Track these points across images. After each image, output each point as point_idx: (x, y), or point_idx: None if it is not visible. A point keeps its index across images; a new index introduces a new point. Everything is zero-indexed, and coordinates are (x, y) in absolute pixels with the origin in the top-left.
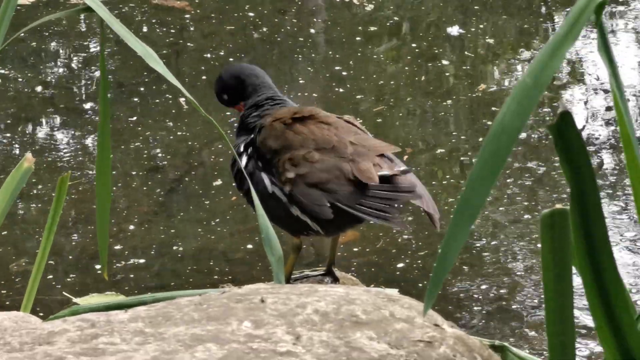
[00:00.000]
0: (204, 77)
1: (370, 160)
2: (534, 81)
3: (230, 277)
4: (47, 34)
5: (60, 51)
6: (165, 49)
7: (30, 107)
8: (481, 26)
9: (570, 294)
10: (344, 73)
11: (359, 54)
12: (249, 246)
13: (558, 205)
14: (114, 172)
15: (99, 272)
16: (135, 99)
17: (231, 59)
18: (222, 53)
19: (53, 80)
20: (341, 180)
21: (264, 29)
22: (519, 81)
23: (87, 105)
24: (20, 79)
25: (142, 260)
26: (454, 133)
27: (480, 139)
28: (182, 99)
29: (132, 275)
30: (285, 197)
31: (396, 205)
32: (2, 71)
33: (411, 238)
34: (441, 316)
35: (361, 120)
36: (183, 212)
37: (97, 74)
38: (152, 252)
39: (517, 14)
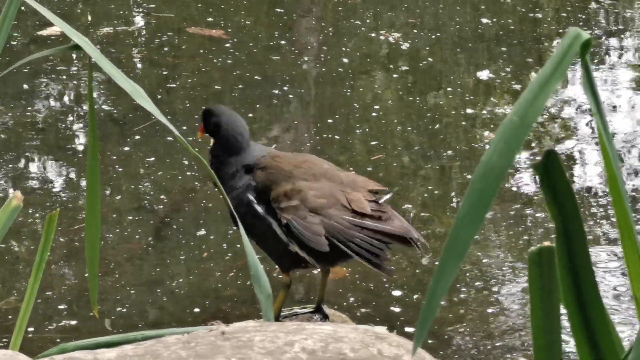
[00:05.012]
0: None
1: (361, 193)
2: (520, 120)
3: (219, 315)
4: (38, 70)
5: (51, 88)
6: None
7: (20, 143)
8: (507, 69)
9: (558, 330)
10: (342, 115)
11: (357, 94)
12: (239, 284)
13: (546, 243)
14: (104, 209)
15: (90, 309)
16: (128, 136)
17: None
18: (214, 87)
19: (43, 116)
20: (338, 207)
21: (248, 67)
22: (505, 120)
23: (78, 142)
24: (9, 115)
25: (132, 298)
26: (449, 181)
27: None
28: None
29: (121, 313)
30: (286, 237)
31: (387, 245)
32: None
33: (402, 274)
34: (429, 354)
35: (353, 170)
36: (173, 249)
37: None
38: (142, 290)
39: (544, 57)
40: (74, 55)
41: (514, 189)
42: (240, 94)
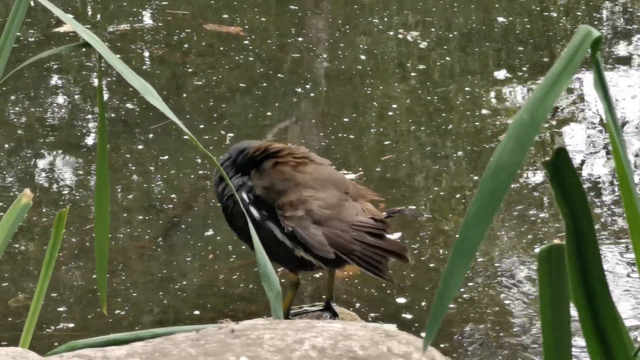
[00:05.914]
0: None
1: (368, 201)
2: (530, 117)
3: (229, 313)
4: (52, 67)
5: (65, 85)
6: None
7: (33, 141)
8: (524, 68)
9: (567, 327)
10: (358, 114)
11: (372, 94)
12: (248, 282)
13: (556, 241)
14: (115, 208)
15: (99, 307)
16: (141, 134)
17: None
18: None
19: (56, 114)
20: (341, 218)
21: (267, 64)
22: (515, 118)
23: (91, 140)
24: (23, 112)
25: (141, 296)
26: (459, 183)
27: None
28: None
29: (131, 311)
30: (291, 243)
31: (388, 257)
32: (4, 105)
33: (412, 273)
34: (439, 352)
35: (362, 170)
36: (183, 248)
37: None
38: (151, 288)
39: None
40: (83, 51)
41: (520, 189)
42: (260, 91)
